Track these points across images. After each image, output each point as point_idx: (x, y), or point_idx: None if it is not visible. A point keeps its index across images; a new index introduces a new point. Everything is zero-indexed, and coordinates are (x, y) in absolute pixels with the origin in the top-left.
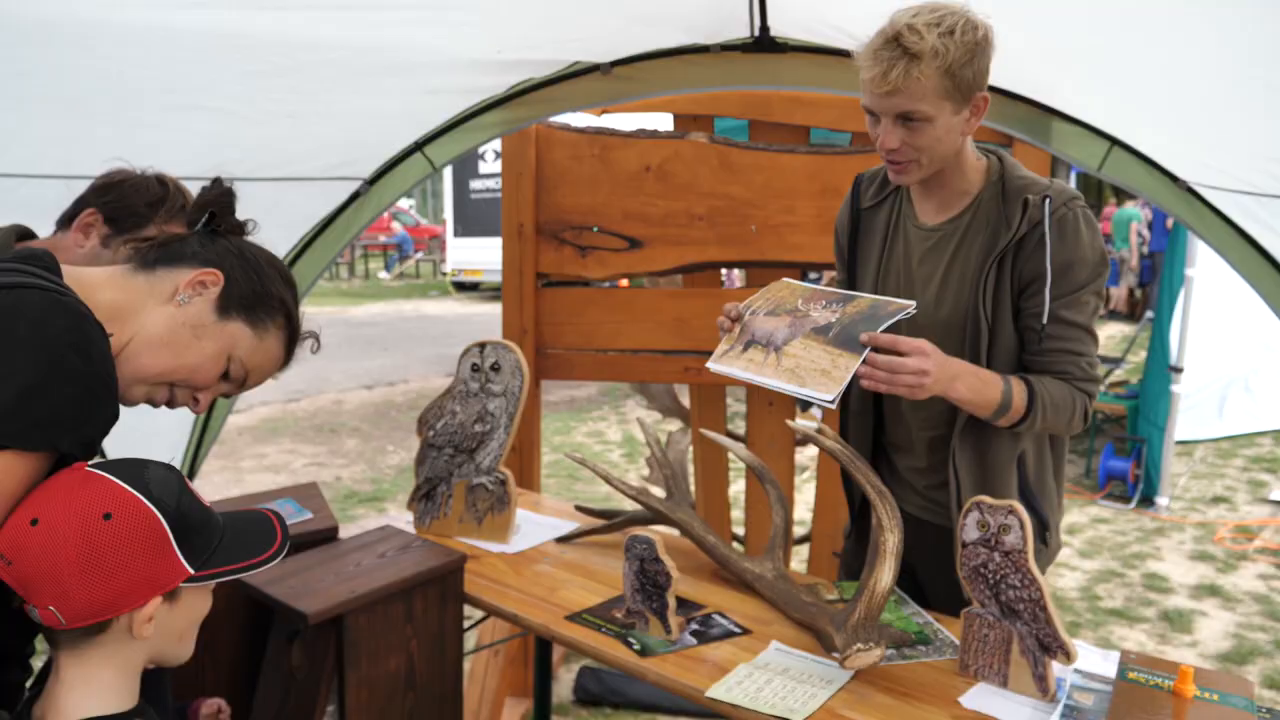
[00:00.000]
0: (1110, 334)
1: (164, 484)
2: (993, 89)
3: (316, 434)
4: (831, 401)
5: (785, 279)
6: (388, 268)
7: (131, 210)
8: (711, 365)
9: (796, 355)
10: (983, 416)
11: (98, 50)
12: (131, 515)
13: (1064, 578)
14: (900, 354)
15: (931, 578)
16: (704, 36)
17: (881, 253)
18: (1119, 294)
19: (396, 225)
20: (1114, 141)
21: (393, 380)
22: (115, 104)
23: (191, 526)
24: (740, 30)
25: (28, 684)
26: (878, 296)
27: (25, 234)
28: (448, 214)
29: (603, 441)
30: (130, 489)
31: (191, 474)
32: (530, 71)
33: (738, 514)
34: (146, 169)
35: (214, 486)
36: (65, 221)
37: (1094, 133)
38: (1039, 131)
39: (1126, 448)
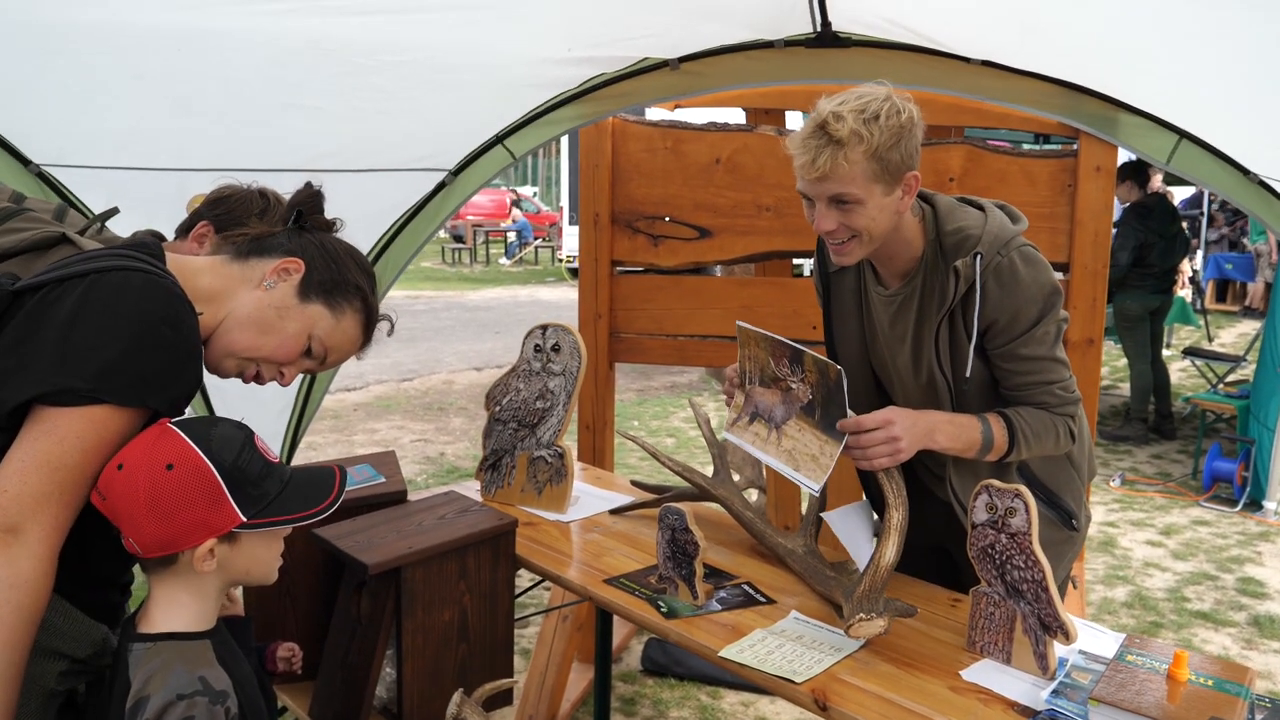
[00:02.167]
0: (1243, 331)
1: (225, 441)
2: (1059, 82)
3: (426, 411)
4: (817, 490)
5: (739, 323)
6: (508, 254)
7: (238, 221)
8: (725, 435)
9: (794, 437)
10: (969, 458)
11: (205, 55)
12: (190, 467)
13: (1153, 578)
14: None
15: (967, 563)
16: (767, 32)
17: (860, 318)
18: (1255, 290)
19: (518, 212)
20: (1182, 134)
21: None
22: (221, 103)
23: (248, 480)
24: (802, 26)
25: (127, 605)
26: (817, 356)
27: (158, 237)
28: (564, 201)
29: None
30: (193, 445)
31: (295, 442)
32: (602, 67)
33: None
34: (251, 184)
35: (326, 459)
36: (184, 231)
37: (1162, 125)
38: (1106, 125)
39: (1235, 449)
